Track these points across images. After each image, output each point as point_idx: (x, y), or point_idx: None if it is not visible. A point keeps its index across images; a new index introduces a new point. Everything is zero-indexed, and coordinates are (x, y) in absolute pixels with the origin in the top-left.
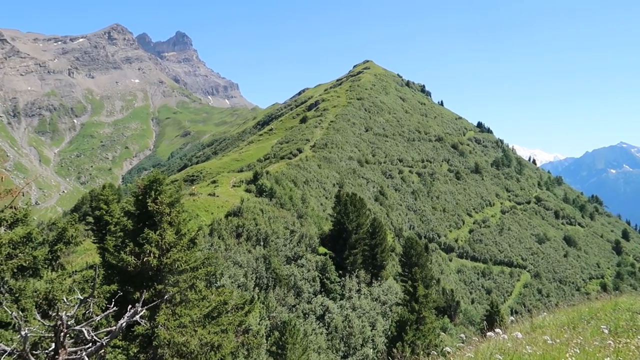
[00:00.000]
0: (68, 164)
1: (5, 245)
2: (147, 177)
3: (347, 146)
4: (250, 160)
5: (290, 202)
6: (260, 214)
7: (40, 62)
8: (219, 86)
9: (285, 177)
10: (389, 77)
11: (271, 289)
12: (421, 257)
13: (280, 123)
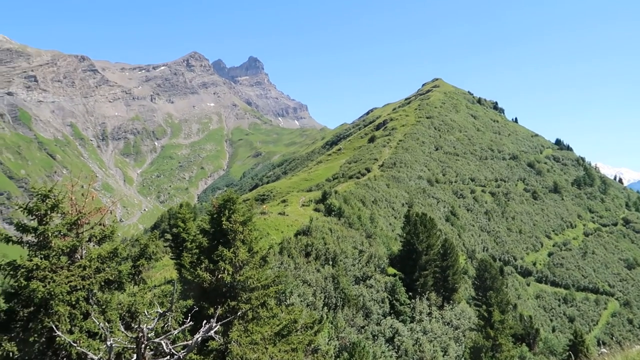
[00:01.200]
0: (149, 183)
1: (94, 260)
2: (221, 196)
3: (416, 165)
4: (319, 180)
5: (359, 222)
6: (328, 233)
7: (126, 89)
8: (289, 108)
9: (354, 196)
10: (459, 94)
11: (340, 308)
12: (496, 281)
13: (348, 143)
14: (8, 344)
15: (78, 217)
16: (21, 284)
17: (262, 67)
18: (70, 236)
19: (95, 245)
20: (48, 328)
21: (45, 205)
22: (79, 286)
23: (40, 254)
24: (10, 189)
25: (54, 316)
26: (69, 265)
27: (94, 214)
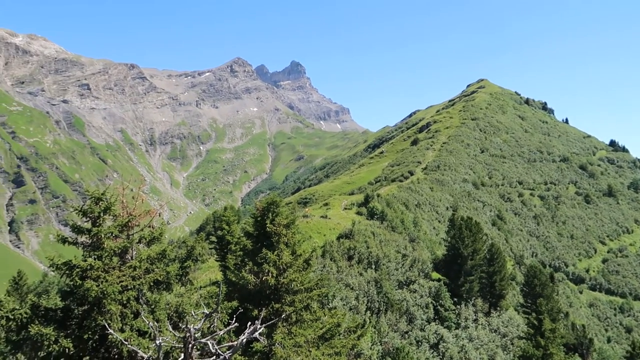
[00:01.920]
0: (195, 187)
1: (144, 261)
2: (264, 199)
3: (461, 168)
4: (361, 183)
5: (402, 226)
6: (371, 237)
7: (173, 95)
8: (331, 111)
9: (397, 200)
10: (506, 95)
11: (383, 313)
12: (546, 288)
13: (391, 146)
14: (64, 340)
15: (129, 220)
16: (76, 283)
17: (304, 71)
18: (121, 238)
19: (145, 246)
20: (101, 326)
21: (98, 208)
22: (129, 286)
23: (93, 254)
24: (65, 192)
25: (106, 315)
26: (120, 266)
27: (143, 216)
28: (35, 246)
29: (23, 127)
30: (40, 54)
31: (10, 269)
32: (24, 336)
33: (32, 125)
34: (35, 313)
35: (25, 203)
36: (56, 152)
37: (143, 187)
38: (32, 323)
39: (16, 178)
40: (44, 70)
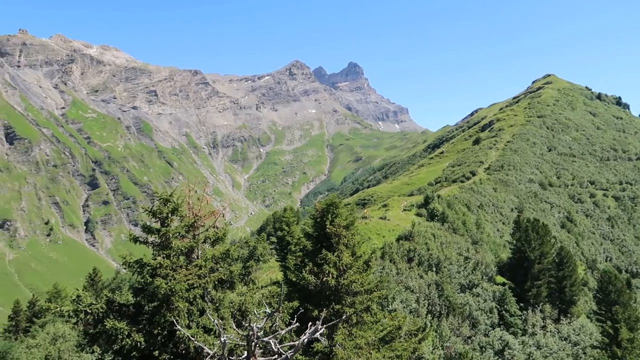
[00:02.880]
0: (255, 188)
1: (209, 260)
2: (323, 200)
3: (526, 168)
4: (421, 184)
5: (464, 227)
6: (432, 239)
7: (234, 99)
8: (389, 111)
9: (458, 201)
10: (575, 90)
11: (444, 317)
12: (622, 295)
13: (451, 145)
14: (137, 334)
15: (195, 220)
16: (147, 280)
17: (361, 72)
18: (187, 237)
19: (210, 246)
20: (169, 322)
21: (166, 209)
22: (195, 284)
23: (162, 253)
24: (135, 194)
25: (174, 311)
26: (187, 265)
27: (208, 217)
28: (108, 245)
29: (97, 133)
30: (112, 63)
31: (87, 265)
32: (99, 330)
33: (105, 130)
34: (110, 308)
35: (99, 204)
36: (127, 156)
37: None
38: (108, 317)
39: (91, 180)
40: (116, 78)
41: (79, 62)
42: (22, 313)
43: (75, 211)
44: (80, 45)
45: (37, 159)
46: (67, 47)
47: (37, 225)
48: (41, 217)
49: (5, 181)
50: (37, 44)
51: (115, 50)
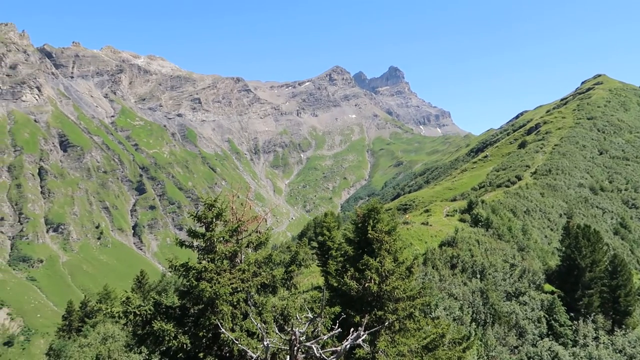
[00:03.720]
0: (296, 193)
1: (252, 264)
2: (365, 206)
3: (575, 172)
4: (464, 189)
5: (509, 234)
6: (476, 245)
7: (275, 106)
8: (431, 115)
9: (503, 206)
10: (629, 91)
11: (489, 325)
12: None
13: (495, 149)
14: (183, 336)
15: (238, 225)
16: (192, 283)
17: (402, 76)
18: (231, 242)
19: (252, 251)
20: (214, 325)
21: (211, 214)
22: (239, 288)
23: (207, 257)
24: (180, 198)
25: (218, 314)
26: (230, 269)
27: (250, 222)
28: (154, 248)
29: (144, 140)
30: (158, 72)
31: (134, 268)
32: (147, 331)
33: (152, 137)
34: (158, 310)
35: (146, 209)
36: (172, 162)
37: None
38: (155, 319)
39: (139, 186)
40: (162, 87)
41: (127, 72)
42: (75, 313)
43: (123, 215)
44: (129, 55)
45: (88, 166)
46: (117, 57)
47: (89, 229)
48: (92, 221)
49: (59, 187)
50: (88, 55)
51: (161, 59)
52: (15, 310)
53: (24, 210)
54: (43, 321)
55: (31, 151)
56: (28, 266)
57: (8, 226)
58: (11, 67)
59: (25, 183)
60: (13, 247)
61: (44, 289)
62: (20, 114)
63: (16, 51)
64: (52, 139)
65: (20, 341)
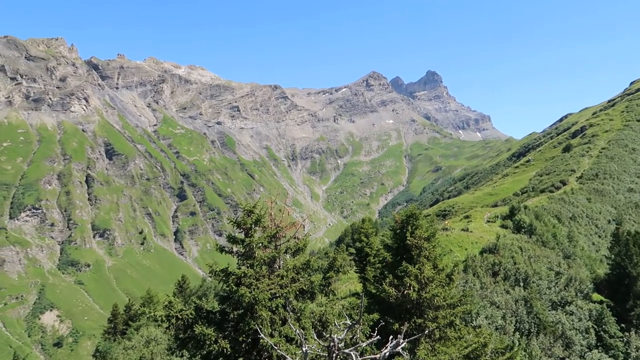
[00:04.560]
0: (333, 199)
1: (290, 270)
2: (403, 212)
3: (625, 176)
4: (506, 195)
5: (554, 240)
6: (518, 252)
7: (312, 112)
8: (470, 120)
9: (547, 212)
10: None
11: (534, 335)
12: None
13: (538, 153)
14: (223, 341)
15: (276, 231)
16: (232, 288)
17: (440, 80)
18: (270, 248)
19: (290, 256)
20: (253, 330)
21: (250, 220)
22: (278, 294)
23: (246, 262)
24: (219, 205)
25: (258, 319)
26: (269, 274)
27: (289, 228)
28: (195, 254)
29: (185, 148)
30: (198, 82)
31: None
32: (189, 335)
33: (192, 145)
34: (199, 314)
35: (187, 215)
36: (212, 169)
37: (287, 201)
38: (196, 323)
39: (180, 193)
40: (202, 96)
41: (169, 82)
42: (120, 316)
43: (165, 221)
44: (170, 66)
45: (132, 173)
46: (159, 68)
47: (132, 234)
48: (136, 226)
49: (105, 194)
50: (132, 66)
51: (201, 69)
52: (64, 312)
53: (72, 217)
54: (90, 323)
55: (79, 159)
56: (76, 270)
57: (58, 232)
58: (61, 79)
59: (74, 190)
60: (62, 252)
61: (91, 293)
62: (69, 124)
63: (65, 64)
64: (99, 147)
65: (69, 342)
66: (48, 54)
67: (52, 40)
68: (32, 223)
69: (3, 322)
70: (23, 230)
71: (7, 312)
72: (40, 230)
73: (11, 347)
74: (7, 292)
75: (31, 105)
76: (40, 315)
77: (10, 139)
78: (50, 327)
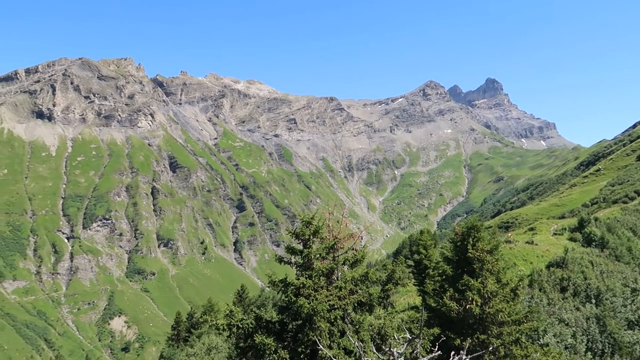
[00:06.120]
0: (390, 211)
1: (349, 282)
2: (463, 223)
3: None
4: (573, 206)
5: (629, 255)
6: (589, 267)
7: (368, 123)
8: (533, 127)
9: (621, 224)
10: None
11: (608, 356)
12: None
13: (609, 162)
14: (282, 351)
15: (334, 242)
16: (291, 299)
17: (500, 87)
18: (328, 259)
19: (349, 268)
20: (312, 341)
21: (308, 231)
22: (336, 305)
23: (305, 273)
24: (277, 216)
25: (316, 331)
26: (327, 286)
27: (347, 239)
28: (253, 264)
29: (244, 160)
30: (256, 95)
31: (235, 282)
32: (249, 344)
33: (251, 157)
34: (259, 324)
35: (246, 225)
36: (269, 181)
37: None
38: (256, 333)
39: (239, 204)
40: (260, 109)
41: (228, 96)
42: (182, 324)
43: (225, 232)
44: (230, 81)
45: (194, 185)
46: (219, 83)
47: (194, 244)
48: (197, 237)
49: (169, 205)
50: (194, 83)
51: (259, 83)
52: (131, 318)
53: (139, 227)
54: (155, 330)
55: (145, 172)
56: (142, 278)
57: (126, 241)
58: (129, 96)
59: (140, 202)
60: (130, 261)
61: (156, 300)
62: (136, 139)
63: (133, 82)
64: (163, 160)
65: (135, 348)
66: (118, 73)
67: (121, 60)
68: (103, 233)
69: (77, 326)
70: (94, 240)
71: (80, 316)
72: (110, 240)
73: (83, 350)
74: (80, 298)
75: (102, 121)
76: (109, 321)
77: (83, 153)
78: (119, 332)
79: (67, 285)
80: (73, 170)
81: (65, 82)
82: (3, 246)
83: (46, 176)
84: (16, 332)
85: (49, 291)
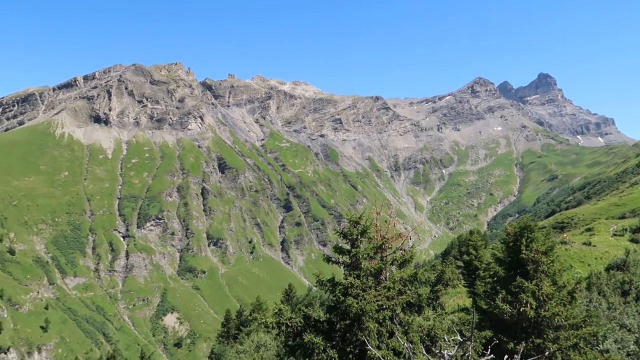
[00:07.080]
0: (438, 210)
1: (397, 282)
2: (516, 223)
3: None
4: (635, 205)
5: None
6: None
7: (414, 122)
8: (590, 124)
9: None
10: None
11: None
12: None
13: None
14: (331, 350)
15: (382, 242)
16: (339, 299)
17: (554, 82)
18: (375, 259)
19: (397, 268)
20: (361, 341)
21: (356, 231)
22: (384, 305)
23: (353, 273)
24: (323, 216)
25: (365, 331)
26: (375, 286)
27: (395, 239)
28: (300, 263)
29: (290, 160)
30: (302, 96)
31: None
32: (298, 342)
33: (297, 158)
34: (307, 323)
35: (292, 225)
36: (315, 181)
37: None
38: (305, 332)
39: (286, 204)
40: (305, 110)
41: (274, 98)
42: (232, 321)
43: (272, 232)
44: (276, 83)
45: (242, 185)
46: (265, 85)
47: (243, 243)
48: (246, 236)
49: (218, 205)
50: (241, 85)
51: (304, 84)
52: (183, 315)
53: (190, 226)
54: (205, 326)
55: (195, 173)
56: (193, 276)
57: (177, 240)
58: (180, 100)
59: (191, 202)
60: (181, 259)
61: (206, 297)
62: (187, 141)
63: (183, 86)
64: (212, 162)
65: (187, 343)
66: (169, 78)
67: (172, 65)
68: (156, 232)
69: (132, 321)
70: (148, 239)
71: (135, 312)
72: (163, 239)
73: (139, 344)
74: (135, 295)
75: (155, 125)
76: (162, 317)
77: (137, 155)
78: (171, 328)
79: (123, 282)
80: (128, 171)
81: (120, 88)
82: (65, 244)
83: (103, 178)
84: (77, 325)
85: (106, 287)
